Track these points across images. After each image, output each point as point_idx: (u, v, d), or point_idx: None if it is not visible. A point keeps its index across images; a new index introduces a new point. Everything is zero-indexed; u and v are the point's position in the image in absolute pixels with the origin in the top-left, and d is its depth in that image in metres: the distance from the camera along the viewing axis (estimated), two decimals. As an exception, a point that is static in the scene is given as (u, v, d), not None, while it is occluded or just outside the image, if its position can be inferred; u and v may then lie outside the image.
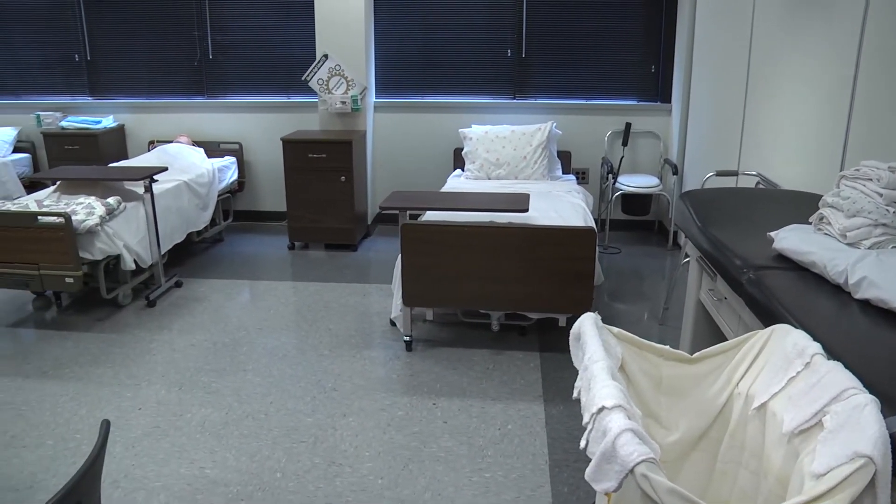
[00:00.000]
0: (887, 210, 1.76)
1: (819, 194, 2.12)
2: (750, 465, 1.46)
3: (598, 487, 1.13)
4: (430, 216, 3.74)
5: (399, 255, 3.32)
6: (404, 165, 5.61)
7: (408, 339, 3.44)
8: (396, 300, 3.46)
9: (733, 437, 1.50)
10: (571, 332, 1.57)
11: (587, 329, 1.51)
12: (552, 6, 5.24)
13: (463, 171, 5.13)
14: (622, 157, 5.36)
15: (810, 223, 1.96)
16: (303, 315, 3.89)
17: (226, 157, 5.47)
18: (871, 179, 1.82)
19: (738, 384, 1.51)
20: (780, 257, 1.89)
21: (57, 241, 3.48)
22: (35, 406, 2.91)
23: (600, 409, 1.20)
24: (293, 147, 4.91)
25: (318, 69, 5.18)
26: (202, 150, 5.26)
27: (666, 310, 3.90)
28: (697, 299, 2.46)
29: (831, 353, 1.34)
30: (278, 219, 5.73)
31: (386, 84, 5.52)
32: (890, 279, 1.55)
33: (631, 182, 5.04)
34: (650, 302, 4.10)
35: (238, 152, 5.63)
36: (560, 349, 3.44)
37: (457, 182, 4.88)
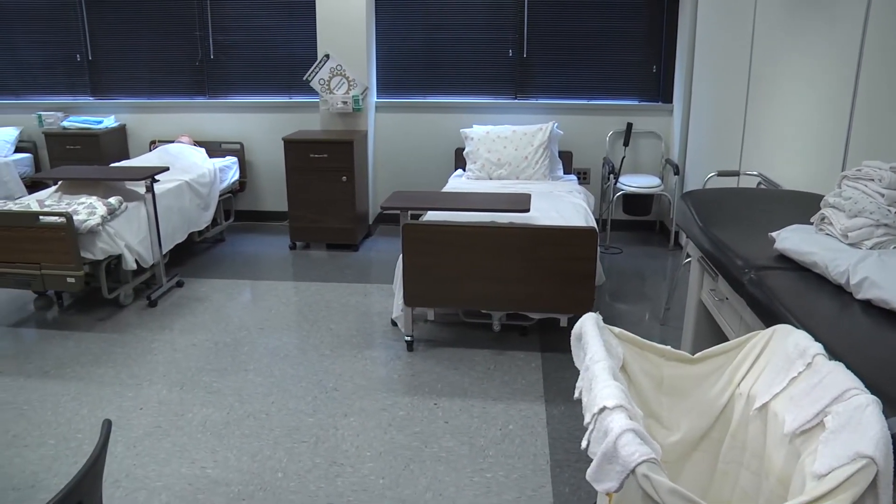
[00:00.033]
0: (889, 210, 1.76)
1: (820, 194, 2.12)
2: (751, 466, 1.45)
3: (599, 488, 1.13)
4: (431, 216, 3.74)
5: (400, 255, 3.32)
6: (405, 165, 5.61)
7: (409, 339, 3.44)
8: (398, 300, 3.47)
9: (734, 438, 1.50)
10: (573, 333, 1.57)
11: (588, 329, 1.51)
12: (554, 6, 5.24)
13: (464, 171, 5.13)
14: (623, 157, 5.36)
15: (812, 223, 1.96)
16: (304, 315, 3.89)
17: (227, 157, 5.48)
18: (872, 180, 1.81)
19: (739, 384, 1.51)
20: (781, 257, 1.89)
21: (58, 240, 3.48)
22: (37, 405, 2.92)
23: (602, 410, 1.20)
24: (294, 147, 4.91)
25: (320, 69, 5.19)
26: (203, 149, 5.27)
27: (667, 310, 3.89)
28: (699, 299, 2.46)
29: (833, 353, 1.34)
30: (280, 219, 5.74)
31: (387, 84, 5.53)
32: (892, 280, 1.54)
33: (632, 182, 5.03)
34: (651, 302, 4.09)
35: (239, 152, 5.64)
36: (561, 349, 3.44)
37: (458, 182, 4.88)
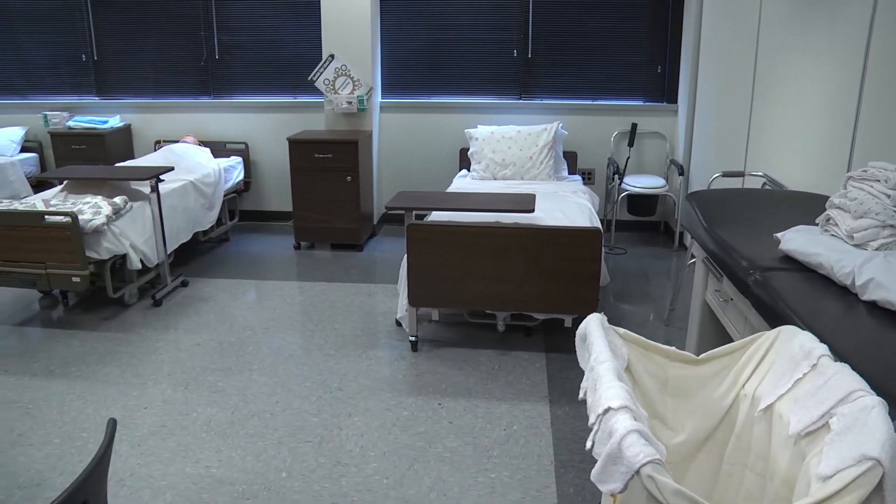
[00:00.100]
0: (895, 211, 1.75)
1: (826, 195, 2.11)
2: (756, 467, 1.45)
3: (603, 488, 1.13)
4: (435, 216, 3.74)
5: (405, 256, 3.32)
6: (410, 165, 5.62)
7: (413, 339, 3.45)
8: (402, 300, 3.47)
9: (739, 439, 1.50)
10: (577, 333, 1.57)
11: (593, 330, 1.51)
12: (558, 6, 5.23)
13: (469, 171, 5.13)
14: (628, 157, 5.35)
15: (817, 224, 1.95)
16: (308, 315, 3.90)
17: (232, 157, 5.49)
18: (878, 181, 1.81)
19: (744, 385, 1.50)
20: (786, 258, 1.88)
21: (64, 240, 3.50)
22: (42, 404, 2.93)
23: (606, 410, 1.20)
24: (299, 147, 4.92)
25: (325, 69, 5.19)
26: (208, 149, 5.28)
27: (672, 311, 3.89)
28: (703, 300, 2.45)
29: (838, 354, 1.34)
30: (284, 219, 5.75)
31: (392, 84, 5.53)
32: (897, 281, 1.54)
33: (637, 183, 5.03)
34: (656, 303, 4.09)
35: (244, 152, 5.65)
36: (566, 350, 3.43)
37: (462, 182, 4.88)
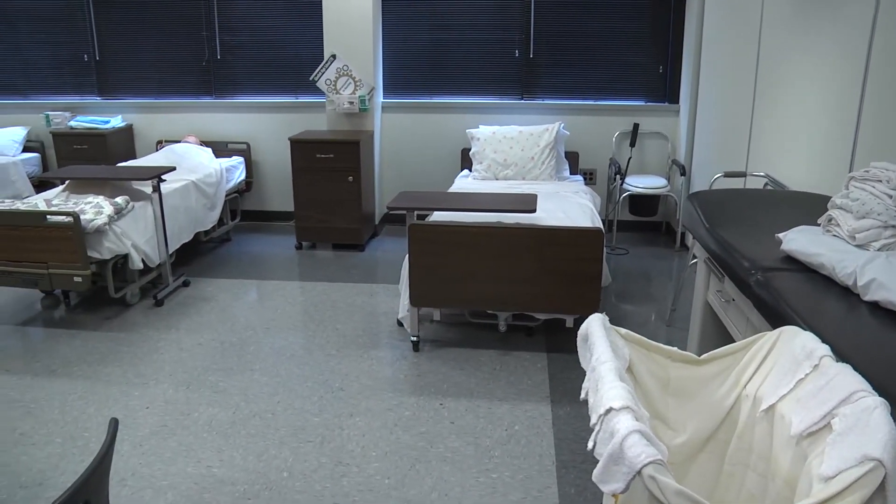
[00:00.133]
0: (897, 212, 1.75)
1: (828, 196, 2.11)
2: (758, 468, 1.45)
3: (605, 489, 1.13)
4: (437, 216, 3.74)
5: (406, 256, 3.32)
6: (412, 166, 5.62)
7: (415, 339, 3.45)
8: (404, 300, 3.47)
9: (741, 440, 1.50)
10: (579, 333, 1.56)
11: (595, 330, 1.51)
12: (560, 7, 5.23)
13: (470, 171, 5.13)
14: (630, 157, 5.35)
15: (819, 225, 1.95)
16: (310, 315, 3.90)
17: (233, 157, 5.50)
18: (880, 181, 1.80)
19: (745, 386, 1.50)
20: (788, 259, 1.88)
21: (65, 240, 3.50)
22: (44, 404, 2.93)
23: (608, 411, 1.20)
24: (301, 147, 4.92)
25: (326, 69, 5.20)
26: (210, 149, 5.29)
27: (673, 311, 3.88)
28: (705, 301, 2.45)
29: (840, 355, 1.33)
30: (286, 219, 5.75)
31: (393, 84, 5.53)
32: (900, 281, 1.54)
33: (638, 183, 5.02)
34: (658, 303, 4.09)
35: (246, 152, 5.66)
36: (567, 350, 3.43)
37: (464, 182, 4.88)
